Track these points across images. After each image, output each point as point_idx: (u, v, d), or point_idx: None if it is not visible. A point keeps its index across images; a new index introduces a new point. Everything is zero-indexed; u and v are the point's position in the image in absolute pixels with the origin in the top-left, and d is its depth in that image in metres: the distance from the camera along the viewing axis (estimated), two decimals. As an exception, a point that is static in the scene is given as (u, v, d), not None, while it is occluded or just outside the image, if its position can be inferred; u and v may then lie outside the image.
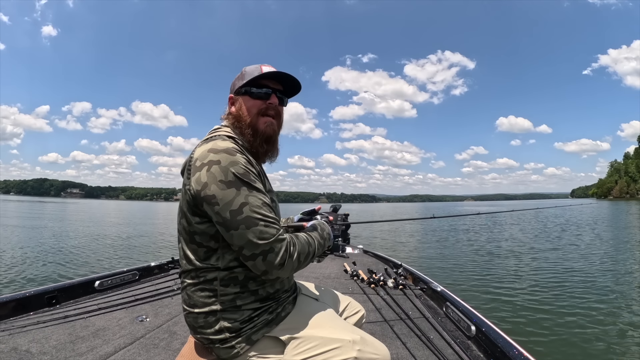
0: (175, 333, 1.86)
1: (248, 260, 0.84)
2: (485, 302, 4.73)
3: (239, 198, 0.82)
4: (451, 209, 64.60)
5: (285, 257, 0.84)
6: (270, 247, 0.82)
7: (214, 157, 0.84)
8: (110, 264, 7.62)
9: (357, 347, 0.87)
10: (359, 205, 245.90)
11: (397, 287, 2.74)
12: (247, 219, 0.81)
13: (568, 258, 8.01)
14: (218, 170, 0.83)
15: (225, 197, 0.82)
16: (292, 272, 0.89)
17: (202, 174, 0.84)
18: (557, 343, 3.42)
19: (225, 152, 0.85)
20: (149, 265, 3.04)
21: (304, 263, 0.91)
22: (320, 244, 1.00)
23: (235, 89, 1.04)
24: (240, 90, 1.02)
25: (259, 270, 0.85)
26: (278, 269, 0.84)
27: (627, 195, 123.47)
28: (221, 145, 0.87)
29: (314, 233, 1.00)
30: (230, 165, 0.84)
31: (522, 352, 1.44)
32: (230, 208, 0.81)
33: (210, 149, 0.86)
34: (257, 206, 0.83)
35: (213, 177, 0.82)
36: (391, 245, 9.66)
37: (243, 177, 0.84)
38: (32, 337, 1.67)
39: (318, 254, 1.00)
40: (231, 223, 0.82)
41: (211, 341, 0.88)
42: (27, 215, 25.64)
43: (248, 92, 1.01)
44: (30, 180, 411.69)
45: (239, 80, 1.04)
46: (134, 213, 36.92)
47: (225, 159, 0.84)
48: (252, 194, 0.84)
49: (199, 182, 0.84)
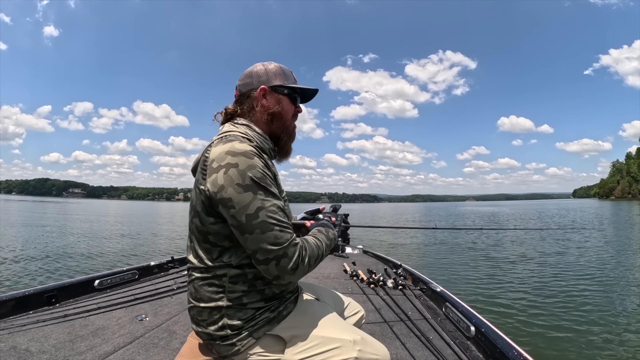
0: (175, 332, 1.86)
1: (261, 265, 0.84)
2: (484, 303, 4.73)
3: (256, 202, 0.82)
4: (453, 209, 64.54)
5: (298, 262, 0.84)
6: (284, 252, 0.82)
7: (232, 160, 0.83)
8: (111, 264, 7.63)
9: (357, 347, 0.87)
10: (360, 205, 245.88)
11: (397, 287, 2.74)
12: (262, 223, 0.81)
13: (568, 258, 7.98)
14: (236, 174, 0.82)
15: (241, 200, 0.81)
16: (303, 276, 0.89)
17: (219, 175, 0.83)
18: (556, 343, 3.41)
19: (244, 155, 0.84)
20: (148, 265, 3.05)
21: (313, 266, 0.91)
22: (327, 245, 0.99)
23: (272, 85, 1.01)
24: (282, 89, 1.02)
25: (271, 275, 0.84)
26: (290, 273, 0.84)
27: (629, 196, 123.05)
28: (239, 147, 0.85)
29: (321, 235, 1.00)
30: (248, 169, 0.83)
31: (522, 353, 1.44)
32: (246, 212, 0.81)
33: (228, 151, 0.84)
34: (272, 211, 0.83)
35: (230, 180, 0.82)
36: (391, 246, 9.66)
37: (260, 182, 0.84)
38: (32, 336, 1.67)
39: (325, 256, 1.00)
40: (246, 227, 0.81)
41: (212, 337, 0.88)
42: (29, 215, 25.72)
43: (291, 95, 1.03)
44: (32, 180, 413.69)
45: (279, 77, 1.02)
46: (135, 213, 37.00)
47: (244, 163, 0.83)
48: (268, 198, 0.84)
49: (215, 184, 0.83)
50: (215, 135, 0.97)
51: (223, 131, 0.97)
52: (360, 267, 3.36)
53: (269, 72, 1.02)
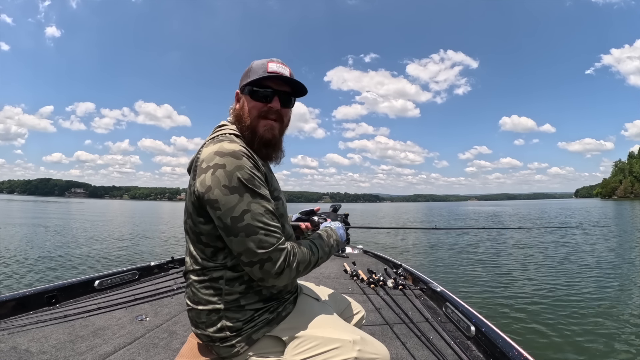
0: (175, 333, 1.86)
1: (246, 267, 0.84)
2: (484, 303, 4.71)
3: (241, 205, 0.81)
4: (455, 209, 64.44)
5: (283, 267, 0.83)
6: (269, 257, 0.81)
7: (220, 161, 0.82)
8: (111, 264, 7.65)
9: (357, 347, 0.86)
10: (362, 205, 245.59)
11: (397, 287, 2.74)
12: (247, 226, 0.80)
13: (569, 258, 7.95)
14: (223, 175, 0.81)
15: (227, 202, 0.81)
16: (290, 280, 0.88)
17: (206, 176, 0.82)
18: (556, 343, 3.40)
19: (231, 156, 0.83)
20: (148, 265, 3.05)
21: (303, 272, 0.90)
22: (325, 252, 0.98)
23: (240, 85, 1.00)
24: (244, 88, 0.98)
25: (255, 277, 0.85)
26: (275, 277, 0.83)
27: (632, 195, 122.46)
28: (228, 147, 0.84)
29: (319, 241, 0.99)
30: (236, 169, 0.82)
31: (522, 353, 1.43)
32: (231, 214, 0.80)
33: (217, 152, 0.84)
34: (258, 214, 0.82)
35: (217, 181, 0.81)
36: (391, 246, 9.64)
37: (247, 183, 0.82)
38: (32, 337, 1.68)
39: (322, 262, 0.99)
40: (231, 229, 0.81)
41: (211, 339, 0.88)
42: (31, 215, 25.81)
43: (251, 92, 0.96)
44: (35, 180, 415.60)
45: (245, 76, 0.99)
46: (137, 213, 37.10)
47: (231, 163, 0.82)
48: (255, 200, 0.83)
49: (203, 184, 0.83)
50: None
51: (216, 127, 0.99)
52: (361, 267, 3.36)
53: (245, 73, 1.00)
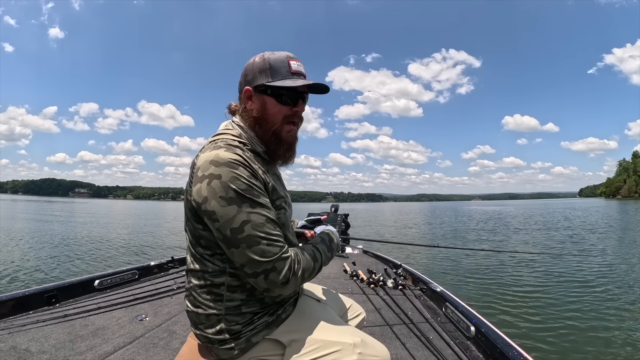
0: (175, 332, 1.86)
1: (250, 278, 0.81)
2: (484, 303, 4.70)
3: (241, 215, 0.78)
4: (459, 208, 64.25)
5: (289, 276, 0.80)
6: (273, 266, 0.78)
7: (215, 171, 0.78)
8: (111, 263, 7.68)
9: (357, 350, 0.85)
10: (364, 204, 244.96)
11: (397, 287, 2.72)
12: (248, 237, 0.77)
13: (570, 258, 7.90)
14: (219, 186, 0.77)
15: (225, 214, 0.77)
16: (296, 289, 0.85)
17: (202, 186, 0.79)
18: (556, 344, 3.38)
19: (227, 166, 0.79)
20: (148, 265, 3.05)
21: (308, 279, 0.88)
22: (327, 257, 0.96)
23: (256, 83, 0.90)
24: (265, 89, 0.89)
25: (260, 288, 0.82)
26: (281, 287, 0.80)
27: (636, 194, 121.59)
28: (224, 156, 0.79)
29: (322, 246, 0.96)
30: (232, 180, 0.78)
31: (522, 353, 1.42)
32: (230, 226, 0.77)
33: (212, 160, 0.79)
34: (259, 224, 0.79)
35: (213, 193, 0.78)
36: (391, 246, 9.62)
37: (245, 193, 0.79)
38: (32, 336, 1.68)
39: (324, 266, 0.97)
40: (232, 241, 0.78)
41: (210, 341, 0.87)
42: (35, 214, 25.98)
43: (276, 94, 0.88)
44: (39, 180, 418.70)
45: (262, 73, 0.89)
46: (140, 212, 37.25)
47: (227, 174, 0.78)
48: (255, 210, 0.79)
49: (200, 194, 0.80)
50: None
51: (218, 131, 0.94)
52: (360, 267, 3.34)
53: (255, 68, 0.90)
